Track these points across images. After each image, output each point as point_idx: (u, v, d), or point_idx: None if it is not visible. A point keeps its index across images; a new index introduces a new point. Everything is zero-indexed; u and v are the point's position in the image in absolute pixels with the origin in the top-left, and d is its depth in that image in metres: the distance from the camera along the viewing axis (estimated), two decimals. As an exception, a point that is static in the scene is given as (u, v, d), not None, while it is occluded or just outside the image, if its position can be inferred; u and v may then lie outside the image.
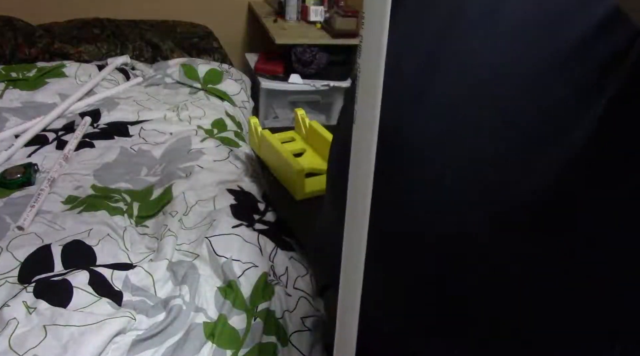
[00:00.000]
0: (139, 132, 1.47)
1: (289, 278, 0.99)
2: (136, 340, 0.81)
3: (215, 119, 1.57)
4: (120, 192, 1.18)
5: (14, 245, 0.97)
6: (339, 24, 2.08)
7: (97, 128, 1.48)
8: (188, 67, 1.82)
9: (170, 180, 1.20)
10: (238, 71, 1.97)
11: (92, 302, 0.86)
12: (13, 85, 1.64)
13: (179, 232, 1.06)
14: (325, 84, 2.15)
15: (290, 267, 1.02)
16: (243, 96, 1.84)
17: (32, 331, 0.79)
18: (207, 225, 1.07)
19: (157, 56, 2.01)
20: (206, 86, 1.79)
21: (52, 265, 0.94)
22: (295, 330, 0.88)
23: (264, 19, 2.20)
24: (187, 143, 1.38)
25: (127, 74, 1.86)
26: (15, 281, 0.90)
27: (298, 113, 1.34)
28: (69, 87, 1.68)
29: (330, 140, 1.23)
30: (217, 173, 1.25)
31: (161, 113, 1.58)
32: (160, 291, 0.94)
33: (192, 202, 1.14)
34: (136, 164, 1.32)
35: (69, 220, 1.06)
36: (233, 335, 0.86)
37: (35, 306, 0.83)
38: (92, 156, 1.33)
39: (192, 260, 1.00)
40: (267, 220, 1.14)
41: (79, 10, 2.12)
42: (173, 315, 0.86)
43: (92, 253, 0.98)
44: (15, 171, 1.21)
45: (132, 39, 2.03)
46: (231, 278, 0.94)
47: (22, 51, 1.85)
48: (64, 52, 1.90)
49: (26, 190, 1.17)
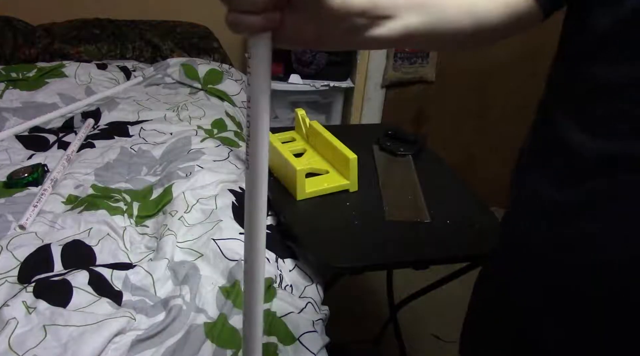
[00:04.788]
0: (139, 132, 1.47)
1: (295, 287, 1.00)
2: (136, 340, 0.81)
3: (215, 119, 1.57)
4: (120, 191, 1.18)
5: (14, 244, 0.97)
6: (339, 24, 2.08)
7: (96, 130, 1.48)
8: (188, 67, 1.82)
9: (170, 180, 1.20)
10: (238, 71, 1.97)
11: (92, 302, 0.86)
12: (13, 86, 1.64)
13: (180, 229, 1.06)
14: (325, 84, 2.15)
15: (296, 275, 1.02)
16: (243, 96, 1.84)
17: (32, 331, 0.79)
18: (212, 223, 1.07)
19: (157, 56, 2.01)
20: (206, 86, 1.79)
21: (52, 264, 0.94)
22: (305, 331, 0.88)
23: (264, 19, 2.20)
24: (187, 143, 1.38)
25: (127, 73, 1.86)
26: (15, 281, 0.90)
27: (298, 113, 1.34)
28: (68, 87, 1.68)
29: (331, 140, 1.23)
30: (217, 173, 1.25)
31: (161, 113, 1.58)
32: (160, 291, 0.94)
33: (192, 201, 1.14)
34: (136, 164, 1.32)
35: (69, 220, 1.06)
36: (233, 335, 0.86)
37: (35, 306, 0.83)
38: (93, 156, 1.33)
39: (194, 259, 1.00)
40: (269, 224, 1.14)
41: (79, 10, 2.11)
42: (173, 315, 0.86)
43: (92, 253, 0.98)
44: (23, 171, 1.21)
45: (132, 39, 2.03)
46: (237, 278, 0.94)
47: (22, 51, 1.85)
48: (64, 52, 1.90)
49: (28, 189, 1.17)
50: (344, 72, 2.21)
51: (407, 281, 1.44)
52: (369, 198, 1.17)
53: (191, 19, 2.24)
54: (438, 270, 1.17)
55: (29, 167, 1.23)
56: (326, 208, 1.14)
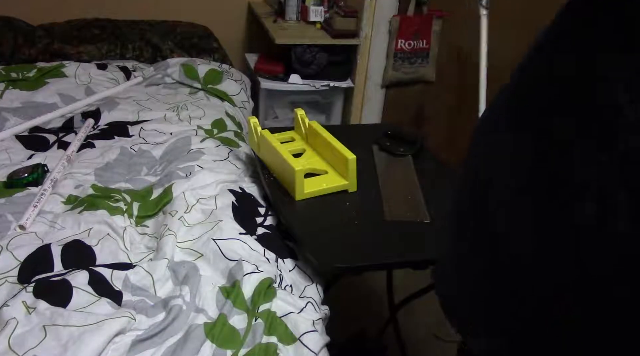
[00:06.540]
0: (139, 132, 1.47)
1: (295, 287, 1.00)
2: (136, 340, 0.81)
3: (215, 119, 1.57)
4: (120, 191, 1.18)
5: (14, 244, 0.97)
6: (338, 24, 2.08)
7: (96, 130, 1.48)
8: (188, 67, 1.82)
9: (170, 180, 1.20)
10: (238, 71, 1.97)
11: (92, 302, 0.86)
12: (13, 86, 1.64)
13: (180, 229, 1.06)
14: (325, 84, 2.15)
15: (296, 275, 1.03)
16: (243, 96, 1.84)
17: (32, 332, 0.79)
18: (212, 223, 1.07)
19: (157, 56, 2.01)
20: (206, 86, 1.79)
21: (52, 264, 0.94)
22: (305, 331, 0.89)
23: (264, 19, 2.20)
24: (187, 143, 1.38)
25: (127, 73, 1.86)
26: (15, 281, 0.90)
27: (298, 114, 1.34)
28: (68, 87, 1.68)
29: (330, 141, 1.23)
30: (217, 173, 1.25)
31: (161, 113, 1.58)
32: (160, 291, 0.94)
33: (192, 202, 1.14)
34: (136, 164, 1.32)
35: (69, 220, 1.06)
36: (233, 335, 0.86)
37: (35, 306, 0.83)
38: (93, 156, 1.33)
39: (194, 259, 1.00)
40: (269, 224, 1.14)
41: (79, 10, 2.11)
42: (173, 315, 0.86)
43: (92, 253, 0.98)
44: (23, 171, 1.21)
45: (132, 39, 2.03)
46: (237, 278, 0.94)
47: (22, 51, 1.85)
48: (64, 52, 1.90)
49: (28, 189, 1.17)
50: (344, 72, 2.22)
51: (407, 281, 1.44)
52: (368, 198, 1.17)
53: (191, 19, 2.25)
54: (438, 270, 1.17)
55: (29, 167, 1.23)
56: (325, 208, 1.14)
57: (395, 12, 2.10)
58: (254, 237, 1.06)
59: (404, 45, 2.15)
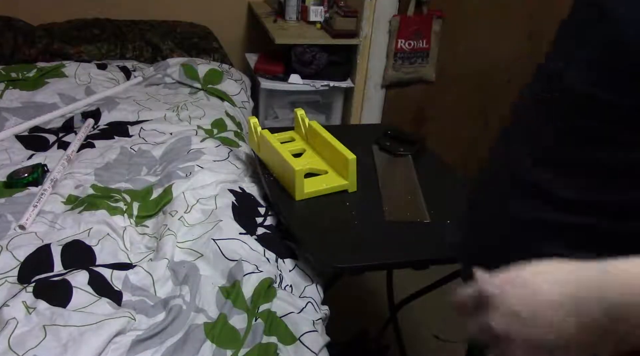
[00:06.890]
0: (139, 132, 1.47)
1: (295, 287, 1.00)
2: (136, 340, 0.81)
3: (215, 119, 1.57)
4: (120, 191, 1.18)
5: (14, 244, 0.97)
6: (338, 24, 2.07)
7: (96, 130, 1.48)
8: (188, 67, 1.82)
9: (170, 180, 1.20)
10: (238, 71, 1.97)
11: (92, 302, 0.86)
12: (13, 86, 1.64)
13: (180, 229, 1.06)
14: (325, 84, 2.15)
15: (296, 275, 1.03)
16: (243, 96, 1.84)
17: (32, 331, 0.79)
18: (212, 223, 1.07)
19: (157, 56, 2.01)
20: (206, 86, 1.79)
21: (51, 264, 0.94)
22: (305, 331, 0.89)
23: (264, 19, 2.20)
24: (187, 143, 1.38)
25: (127, 73, 1.86)
26: (15, 281, 0.90)
27: (298, 114, 1.34)
28: (68, 87, 1.68)
29: (330, 141, 1.23)
30: (217, 173, 1.25)
31: (161, 113, 1.58)
32: (160, 291, 0.94)
33: (192, 201, 1.14)
34: (136, 164, 1.32)
35: (69, 220, 1.06)
36: (233, 335, 0.86)
37: (35, 306, 0.83)
38: (93, 156, 1.33)
39: (194, 259, 1.00)
40: (269, 224, 1.14)
41: (79, 10, 2.11)
42: (173, 315, 0.86)
43: (92, 253, 0.98)
44: (23, 171, 1.21)
45: (132, 39, 2.03)
46: (237, 278, 0.94)
47: (22, 51, 1.85)
48: (64, 52, 1.90)
49: (28, 189, 1.17)
50: (344, 72, 2.21)
51: (407, 281, 1.44)
52: (368, 198, 1.17)
53: (191, 19, 2.25)
54: (438, 270, 1.17)
55: (29, 167, 1.23)
56: (325, 208, 1.14)
57: (395, 12, 2.10)
58: (254, 237, 1.06)
59: (404, 45, 2.15)
